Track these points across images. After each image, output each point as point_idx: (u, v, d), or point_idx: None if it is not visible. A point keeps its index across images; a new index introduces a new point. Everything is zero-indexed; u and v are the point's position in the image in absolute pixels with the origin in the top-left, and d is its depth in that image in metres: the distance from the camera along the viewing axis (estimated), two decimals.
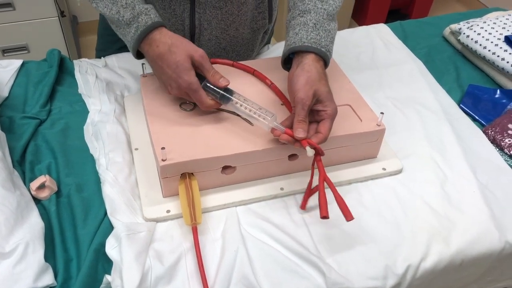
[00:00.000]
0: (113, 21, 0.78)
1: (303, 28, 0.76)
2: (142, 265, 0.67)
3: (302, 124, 0.70)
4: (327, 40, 0.76)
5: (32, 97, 0.96)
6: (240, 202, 0.78)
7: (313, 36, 0.75)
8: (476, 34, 1.15)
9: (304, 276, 0.70)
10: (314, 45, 0.75)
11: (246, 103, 0.76)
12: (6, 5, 1.80)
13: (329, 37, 0.76)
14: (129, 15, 0.75)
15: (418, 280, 0.74)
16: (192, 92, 0.74)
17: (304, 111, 0.71)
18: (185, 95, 0.77)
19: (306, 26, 0.76)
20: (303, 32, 0.76)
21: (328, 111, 0.73)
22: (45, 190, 0.77)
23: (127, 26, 0.75)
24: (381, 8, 2.57)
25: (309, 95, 0.71)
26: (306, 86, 0.72)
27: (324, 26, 0.76)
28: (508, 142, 0.94)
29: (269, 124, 0.73)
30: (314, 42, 0.75)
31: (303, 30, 0.76)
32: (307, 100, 0.71)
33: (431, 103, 1.02)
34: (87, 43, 2.41)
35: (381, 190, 0.83)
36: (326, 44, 0.76)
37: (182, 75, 0.73)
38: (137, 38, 0.75)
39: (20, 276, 0.64)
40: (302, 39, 0.75)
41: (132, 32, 0.75)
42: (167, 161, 0.72)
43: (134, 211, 0.76)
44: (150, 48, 0.75)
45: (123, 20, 0.75)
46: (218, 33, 0.94)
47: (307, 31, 0.76)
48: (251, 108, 0.75)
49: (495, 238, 0.77)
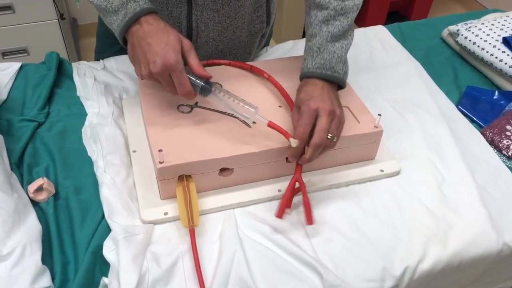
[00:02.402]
0: (101, 9, 0.77)
1: (309, 54, 0.80)
2: (139, 268, 0.68)
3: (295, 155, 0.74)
4: (332, 62, 0.78)
5: (31, 100, 0.96)
6: (237, 204, 0.78)
7: (317, 61, 0.78)
8: (474, 36, 1.15)
9: (302, 278, 0.70)
10: (318, 70, 0.78)
11: (229, 94, 0.76)
12: (6, 8, 1.80)
13: (335, 57, 0.78)
14: (118, 2, 0.74)
15: (416, 282, 0.74)
16: (177, 72, 0.72)
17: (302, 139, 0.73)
18: (164, 76, 0.73)
19: (311, 52, 0.80)
20: (309, 58, 0.80)
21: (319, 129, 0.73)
22: (43, 192, 0.77)
23: (114, 14, 0.75)
24: (380, 10, 2.57)
25: (309, 124, 0.73)
26: (309, 112, 0.73)
27: (328, 49, 0.79)
28: (506, 144, 0.94)
29: (253, 116, 0.74)
30: (318, 67, 0.78)
31: (309, 56, 0.80)
32: (306, 128, 0.73)
33: (429, 104, 1.02)
34: (87, 46, 2.41)
35: (379, 192, 0.83)
36: (331, 66, 0.78)
37: (171, 53, 0.71)
38: (125, 24, 0.74)
39: (17, 278, 0.64)
40: (308, 66, 0.79)
41: (119, 19, 0.74)
42: (164, 163, 0.72)
43: (131, 214, 0.76)
44: (140, 27, 0.74)
45: (111, 7, 0.74)
46: (215, 36, 0.95)
47: (312, 57, 0.79)
48: (234, 99, 0.75)
49: (492, 239, 0.77)
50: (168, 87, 0.74)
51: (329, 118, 0.73)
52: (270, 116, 0.78)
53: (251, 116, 0.74)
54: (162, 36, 0.72)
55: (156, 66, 0.71)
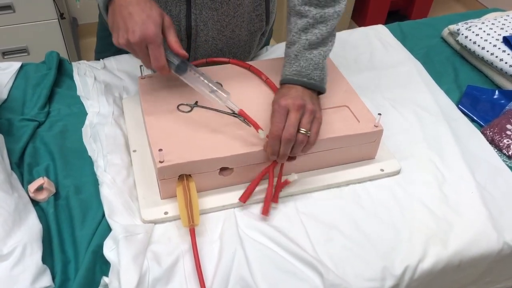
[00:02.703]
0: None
1: (287, 60, 0.82)
2: (139, 267, 0.68)
3: (273, 152, 0.75)
4: (308, 69, 0.80)
5: (31, 99, 0.96)
6: (238, 204, 0.78)
7: (294, 68, 0.80)
8: (475, 35, 1.15)
9: (302, 277, 0.70)
10: (295, 77, 0.80)
11: (204, 76, 0.78)
12: (6, 7, 1.80)
13: (311, 64, 0.80)
14: None
15: (416, 282, 0.74)
16: (155, 45, 0.72)
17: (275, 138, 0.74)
18: (141, 47, 0.72)
19: (289, 58, 0.81)
20: (287, 65, 0.82)
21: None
22: (43, 192, 0.77)
23: None
24: (380, 10, 2.57)
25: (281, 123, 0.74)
26: (279, 115, 0.75)
27: (305, 56, 0.80)
28: (506, 143, 0.94)
29: (225, 101, 0.76)
30: (295, 74, 0.80)
31: (287, 62, 0.82)
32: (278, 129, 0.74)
33: (429, 104, 1.02)
34: (87, 45, 2.41)
35: (379, 191, 0.83)
36: (307, 73, 0.79)
37: (151, 25, 0.71)
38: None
39: (17, 278, 0.65)
40: (286, 72, 0.81)
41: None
42: (164, 163, 0.72)
43: (132, 213, 0.76)
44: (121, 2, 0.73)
45: None
46: (215, 34, 0.95)
47: (290, 63, 0.81)
48: (209, 82, 0.77)
49: (493, 239, 0.77)
50: (143, 59, 0.74)
51: (298, 112, 0.74)
52: (267, 116, 0.78)
53: (223, 101, 0.76)
54: (144, 7, 0.72)
55: (134, 36, 0.71)
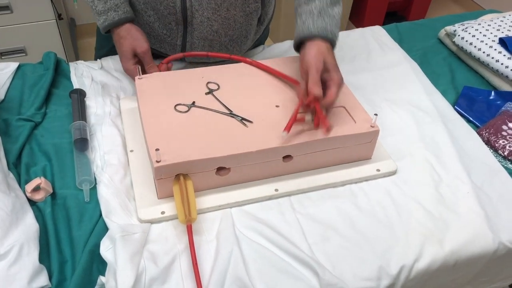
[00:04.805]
0: (88, 5, 0.93)
1: (309, 16, 0.84)
2: (136, 266, 0.68)
3: (317, 85, 0.78)
4: (332, 26, 0.83)
5: (28, 100, 0.96)
6: (234, 204, 0.79)
7: (319, 24, 0.83)
8: (471, 36, 1.15)
9: (298, 277, 0.70)
10: (321, 32, 0.83)
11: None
12: (3, 8, 1.80)
13: (334, 22, 0.84)
14: (101, 8, 0.91)
15: (412, 281, 0.74)
16: (132, 75, 0.93)
17: (317, 75, 0.78)
18: (133, 73, 0.93)
19: (311, 15, 0.84)
20: (310, 21, 0.84)
21: (335, 79, 0.80)
22: (40, 192, 0.77)
23: (98, 15, 0.92)
24: (378, 11, 2.58)
25: (321, 61, 0.80)
26: (318, 55, 0.80)
27: (328, 12, 0.84)
28: (502, 144, 0.94)
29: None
30: (321, 29, 0.83)
31: (310, 18, 0.84)
32: (320, 66, 0.79)
33: (426, 104, 1.02)
34: (85, 46, 2.41)
35: (375, 192, 0.83)
36: (331, 29, 0.83)
37: (122, 61, 0.94)
38: (105, 27, 0.92)
39: (14, 277, 0.65)
40: (310, 28, 0.84)
41: (101, 21, 0.92)
42: (161, 162, 0.72)
43: (129, 213, 0.76)
44: (113, 34, 0.94)
45: (96, 9, 0.91)
46: (210, 14, 0.95)
47: (313, 19, 0.84)
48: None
49: (488, 239, 0.77)
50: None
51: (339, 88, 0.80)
52: (267, 116, 0.78)
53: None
54: (119, 44, 0.93)
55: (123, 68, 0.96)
